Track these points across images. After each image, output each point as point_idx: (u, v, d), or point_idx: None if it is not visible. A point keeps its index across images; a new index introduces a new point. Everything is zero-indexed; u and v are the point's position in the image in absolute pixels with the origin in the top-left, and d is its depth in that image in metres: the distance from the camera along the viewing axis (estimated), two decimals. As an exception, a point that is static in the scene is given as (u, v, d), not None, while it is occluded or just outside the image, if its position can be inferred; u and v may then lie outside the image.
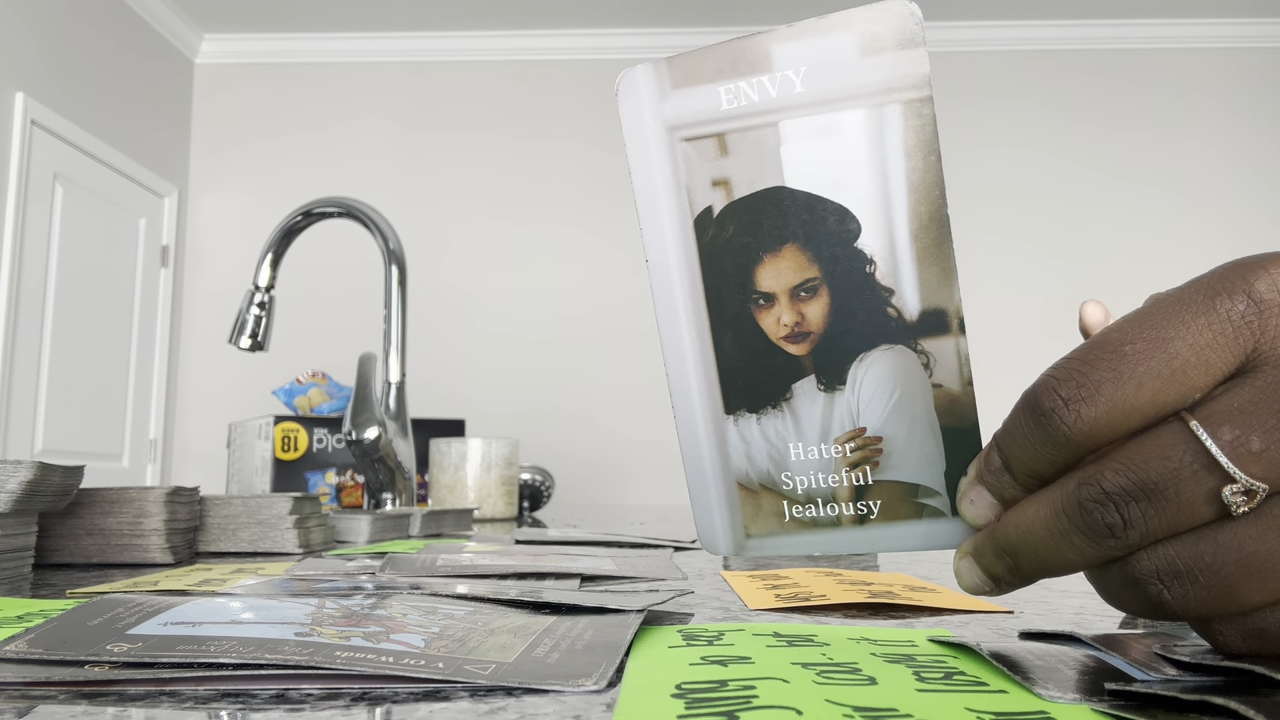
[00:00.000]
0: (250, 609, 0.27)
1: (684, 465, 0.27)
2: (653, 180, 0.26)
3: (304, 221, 1.05)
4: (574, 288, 3.71)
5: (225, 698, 0.21)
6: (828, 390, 0.25)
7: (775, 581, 0.41)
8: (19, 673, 0.21)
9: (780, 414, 0.26)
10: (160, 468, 3.62)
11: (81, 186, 3.19)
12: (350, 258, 3.68)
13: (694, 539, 0.72)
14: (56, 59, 3.06)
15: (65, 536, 0.51)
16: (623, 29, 3.74)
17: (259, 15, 3.67)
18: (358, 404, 0.92)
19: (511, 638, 0.25)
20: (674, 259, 0.26)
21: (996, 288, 3.64)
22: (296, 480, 1.19)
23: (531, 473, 1.27)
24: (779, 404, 0.26)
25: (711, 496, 0.27)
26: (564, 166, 3.76)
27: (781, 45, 0.24)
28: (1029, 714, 0.19)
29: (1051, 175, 3.69)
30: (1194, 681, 0.20)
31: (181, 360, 3.75)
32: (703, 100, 0.25)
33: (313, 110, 3.83)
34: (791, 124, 0.25)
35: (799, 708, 0.19)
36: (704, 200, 0.26)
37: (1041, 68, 3.73)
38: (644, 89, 0.26)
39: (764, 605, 0.34)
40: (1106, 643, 0.24)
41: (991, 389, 3.69)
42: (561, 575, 0.44)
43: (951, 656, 0.24)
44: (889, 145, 0.24)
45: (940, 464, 0.25)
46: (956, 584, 0.28)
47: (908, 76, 0.24)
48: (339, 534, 0.69)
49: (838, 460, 0.25)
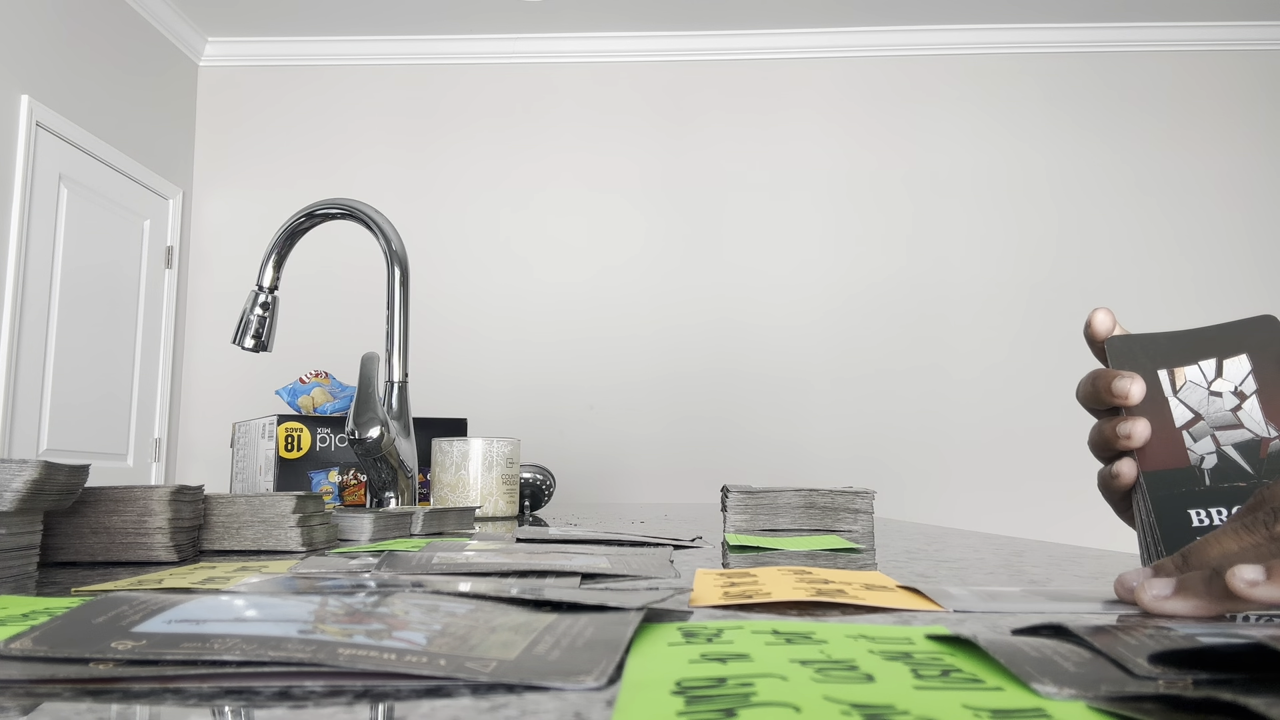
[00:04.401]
0: (254, 607, 0.27)
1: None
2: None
3: (307, 223, 1.05)
4: (575, 288, 3.71)
5: (229, 695, 0.21)
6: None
7: (734, 579, 0.42)
8: (25, 670, 0.22)
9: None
10: (164, 467, 3.63)
11: (86, 188, 3.19)
12: (353, 259, 3.68)
13: (694, 537, 0.72)
14: (61, 62, 3.07)
15: (70, 535, 0.51)
16: (623, 32, 3.74)
17: (262, 18, 3.67)
18: (360, 404, 0.92)
19: (513, 635, 0.25)
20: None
21: (995, 287, 3.64)
22: (300, 479, 1.19)
23: (533, 472, 1.28)
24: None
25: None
26: (565, 168, 3.77)
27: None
28: (1025, 711, 0.19)
29: (1052, 176, 3.68)
30: (1195, 678, 0.20)
31: (186, 360, 3.76)
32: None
33: (316, 112, 3.83)
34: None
35: (797, 705, 0.19)
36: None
37: (1042, 69, 3.73)
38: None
39: (708, 602, 0.35)
40: (1098, 636, 0.24)
41: (992, 386, 3.67)
42: (563, 574, 0.44)
43: (948, 654, 0.25)
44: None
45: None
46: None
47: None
48: (342, 532, 0.69)
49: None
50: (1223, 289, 3.59)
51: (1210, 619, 0.30)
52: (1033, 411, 3.56)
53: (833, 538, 0.72)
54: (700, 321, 3.66)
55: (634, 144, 3.76)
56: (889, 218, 3.69)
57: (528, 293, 3.72)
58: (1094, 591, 0.39)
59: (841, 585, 0.38)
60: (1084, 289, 3.61)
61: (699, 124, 3.77)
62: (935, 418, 3.58)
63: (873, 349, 3.63)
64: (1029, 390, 3.57)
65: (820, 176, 3.72)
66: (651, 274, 3.69)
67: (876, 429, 3.58)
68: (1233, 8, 3.57)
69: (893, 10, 3.59)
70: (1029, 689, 0.21)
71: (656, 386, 3.63)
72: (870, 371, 3.61)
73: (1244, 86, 3.69)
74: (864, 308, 3.65)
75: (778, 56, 3.77)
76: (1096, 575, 0.48)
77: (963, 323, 3.63)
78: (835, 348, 3.63)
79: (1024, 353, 3.60)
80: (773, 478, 3.51)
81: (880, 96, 3.75)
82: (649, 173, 3.75)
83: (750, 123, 3.76)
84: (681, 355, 3.65)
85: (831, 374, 3.62)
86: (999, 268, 3.65)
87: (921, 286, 3.65)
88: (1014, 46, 3.73)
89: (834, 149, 3.73)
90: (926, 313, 3.64)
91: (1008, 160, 3.70)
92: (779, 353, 3.64)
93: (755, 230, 3.71)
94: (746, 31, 3.73)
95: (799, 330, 3.65)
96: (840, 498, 0.84)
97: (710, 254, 3.70)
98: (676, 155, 3.75)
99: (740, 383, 3.63)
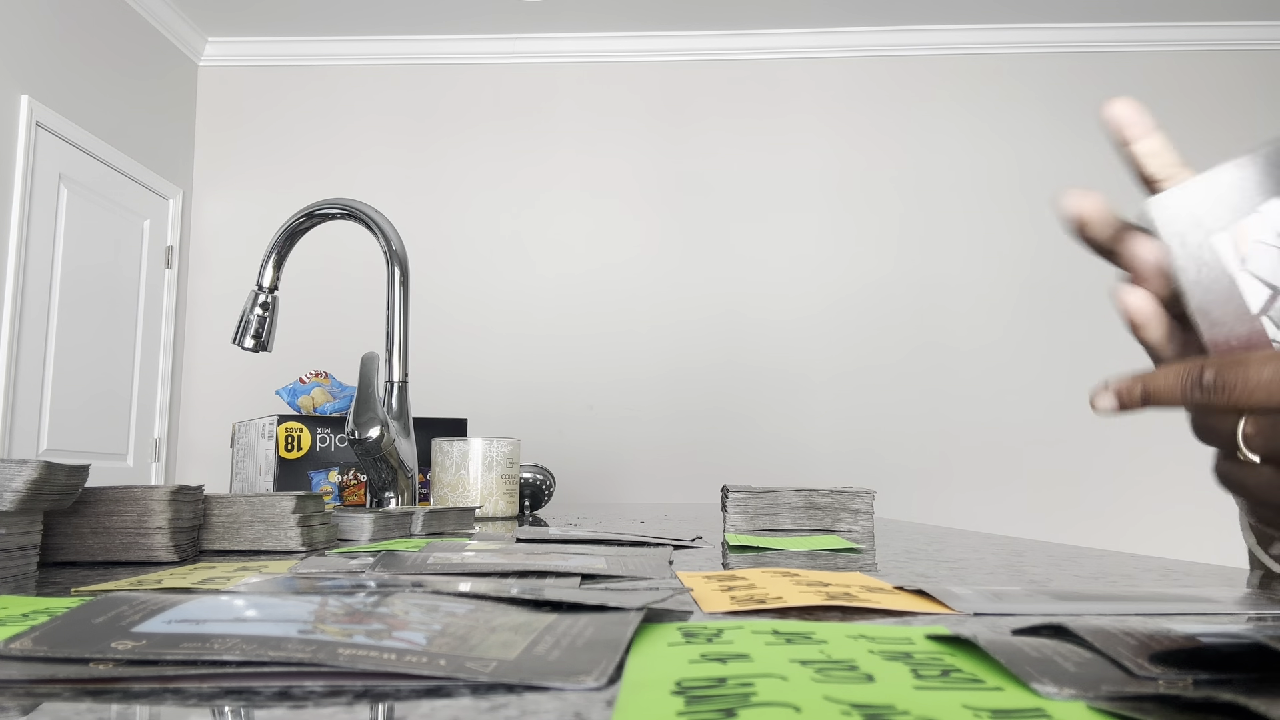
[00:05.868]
0: (254, 607, 0.27)
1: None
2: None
3: (307, 223, 1.05)
4: (575, 287, 3.71)
5: (229, 695, 0.21)
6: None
7: (732, 583, 0.41)
8: (24, 670, 0.22)
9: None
10: (164, 467, 3.63)
11: (86, 188, 3.19)
12: (353, 259, 3.68)
13: (694, 537, 0.72)
14: (61, 62, 3.07)
15: (70, 535, 0.51)
16: (623, 32, 3.74)
17: (262, 18, 3.67)
18: (360, 404, 0.92)
19: (513, 635, 0.25)
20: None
21: (996, 286, 3.64)
22: (300, 479, 1.19)
23: (533, 472, 1.27)
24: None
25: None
26: (564, 167, 3.77)
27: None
28: (1025, 711, 0.19)
29: (1052, 176, 3.68)
30: (1195, 678, 0.20)
31: (186, 360, 3.76)
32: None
33: (316, 112, 3.83)
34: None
35: (797, 705, 0.19)
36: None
37: (1042, 70, 3.73)
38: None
39: (719, 608, 0.34)
40: (1098, 636, 0.24)
41: (995, 384, 3.67)
42: (563, 574, 0.44)
43: (949, 654, 0.25)
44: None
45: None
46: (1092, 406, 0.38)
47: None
48: (342, 532, 0.69)
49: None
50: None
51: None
52: (1033, 411, 3.56)
53: (833, 538, 0.72)
54: (700, 321, 3.66)
55: (633, 144, 3.76)
56: (889, 217, 3.69)
57: (528, 292, 3.72)
58: (1096, 591, 0.39)
59: (843, 588, 0.38)
60: (1084, 289, 3.61)
61: (699, 123, 3.77)
62: (936, 417, 3.58)
63: (872, 348, 3.63)
64: (1029, 390, 3.57)
65: (821, 175, 3.72)
66: (651, 273, 3.69)
67: (877, 428, 3.58)
68: (1232, 8, 3.57)
69: (893, 10, 3.59)
70: (1029, 689, 0.21)
71: (656, 386, 3.63)
72: (870, 371, 3.61)
73: (1244, 86, 3.69)
74: (864, 307, 3.65)
75: (779, 56, 3.77)
76: (1097, 575, 0.48)
77: (963, 322, 3.63)
78: (835, 347, 3.63)
79: (1024, 353, 3.60)
80: (773, 477, 3.51)
81: (880, 96, 3.75)
82: (648, 172, 3.75)
83: (750, 123, 3.76)
84: (681, 355, 3.65)
85: (831, 373, 3.62)
86: (999, 267, 3.65)
87: (921, 286, 3.65)
88: (1013, 46, 3.73)
89: (835, 148, 3.73)
90: (926, 312, 3.64)
91: (1007, 160, 3.70)
92: (779, 352, 3.64)
93: (755, 229, 3.71)
94: (747, 31, 3.73)
95: (799, 330, 3.65)
96: (840, 498, 0.84)
97: (710, 253, 3.70)
98: (676, 154, 3.75)
99: (740, 382, 3.63)
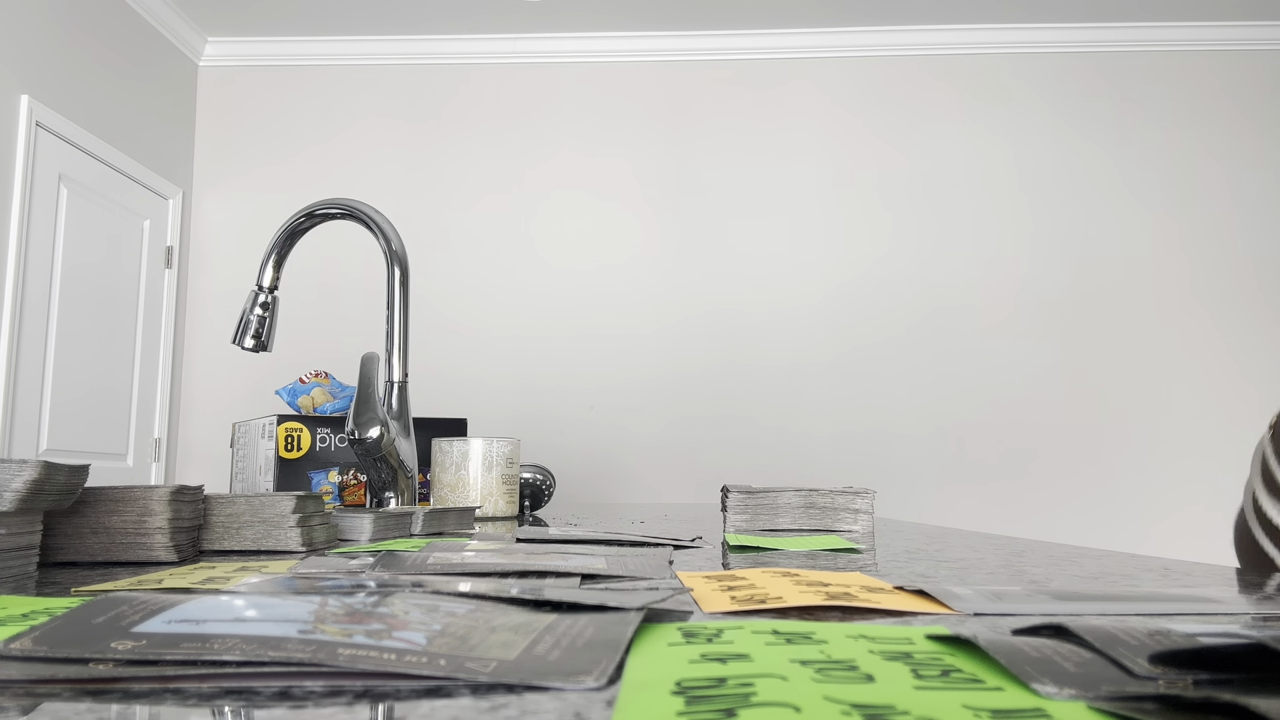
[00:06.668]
0: (254, 607, 0.27)
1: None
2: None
3: (307, 223, 1.06)
4: (575, 287, 3.71)
5: (229, 695, 0.21)
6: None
7: (731, 583, 0.41)
8: (24, 670, 0.22)
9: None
10: (164, 467, 3.63)
11: (86, 188, 3.19)
12: (353, 258, 3.68)
13: (694, 537, 0.72)
14: (61, 62, 3.07)
15: (70, 535, 0.51)
16: (623, 32, 3.74)
17: (262, 18, 3.67)
18: (360, 404, 0.92)
19: (513, 635, 0.25)
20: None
21: (996, 286, 3.64)
22: (300, 479, 1.19)
23: (533, 472, 1.27)
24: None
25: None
26: (565, 167, 3.77)
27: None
28: (1025, 711, 0.19)
29: (1051, 178, 3.68)
30: (1195, 678, 0.20)
31: (186, 360, 3.76)
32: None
33: (316, 112, 3.83)
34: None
35: (797, 705, 0.19)
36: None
37: (1042, 70, 3.73)
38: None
39: (720, 608, 0.34)
40: (1098, 636, 0.24)
41: (993, 386, 3.68)
42: (563, 574, 0.44)
43: (949, 654, 0.25)
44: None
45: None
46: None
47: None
48: (342, 532, 0.69)
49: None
50: (1223, 289, 3.59)
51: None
52: (1034, 411, 3.56)
53: (833, 538, 0.72)
54: (700, 320, 3.66)
55: (633, 144, 3.76)
56: (889, 217, 3.69)
57: (528, 292, 3.72)
58: (1096, 591, 0.39)
59: (842, 589, 0.38)
60: (1084, 289, 3.61)
61: (699, 123, 3.77)
62: (936, 416, 3.58)
63: (872, 348, 3.63)
64: (1030, 390, 3.57)
65: (821, 175, 3.72)
66: (652, 272, 3.69)
67: (876, 428, 3.58)
68: (1233, 8, 3.57)
69: (892, 10, 3.59)
70: (1029, 689, 0.21)
71: (656, 386, 3.63)
72: (869, 370, 3.61)
73: (1244, 86, 3.69)
74: (864, 307, 3.65)
75: (779, 56, 3.77)
76: (1097, 575, 0.48)
77: (963, 321, 3.63)
78: (835, 347, 3.63)
79: (1025, 353, 3.60)
80: (772, 477, 3.51)
81: (880, 96, 3.75)
82: (648, 172, 3.75)
83: (751, 123, 3.76)
84: (681, 354, 3.65)
85: (831, 373, 3.62)
86: (1000, 267, 3.65)
87: (921, 285, 3.65)
88: (1013, 46, 3.73)
89: (835, 148, 3.73)
90: (926, 312, 3.64)
91: (1006, 160, 3.70)
92: (779, 352, 3.64)
93: (755, 229, 3.71)
94: (748, 31, 3.73)
95: (799, 330, 3.65)
96: (840, 498, 0.84)
97: (710, 253, 3.70)
98: (676, 154, 3.75)
99: (740, 382, 3.63)
